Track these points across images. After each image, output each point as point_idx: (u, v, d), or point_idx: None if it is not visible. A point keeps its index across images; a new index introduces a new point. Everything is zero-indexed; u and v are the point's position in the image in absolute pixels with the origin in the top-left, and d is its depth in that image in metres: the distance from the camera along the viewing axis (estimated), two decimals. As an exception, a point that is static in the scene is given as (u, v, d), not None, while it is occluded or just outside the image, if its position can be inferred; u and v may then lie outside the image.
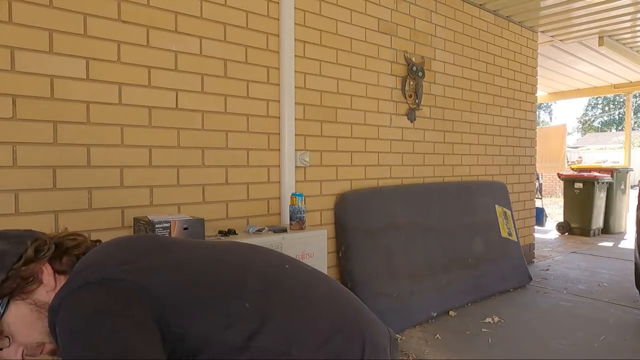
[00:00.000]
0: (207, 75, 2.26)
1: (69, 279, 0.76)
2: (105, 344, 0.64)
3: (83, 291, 0.70)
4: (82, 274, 0.73)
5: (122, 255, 0.79)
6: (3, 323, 0.76)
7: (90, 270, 0.73)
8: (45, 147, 1.80)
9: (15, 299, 0.77)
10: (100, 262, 0.76)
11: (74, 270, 0.78)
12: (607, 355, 2.48)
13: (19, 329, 0.77)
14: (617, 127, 29.40)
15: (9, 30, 1.71)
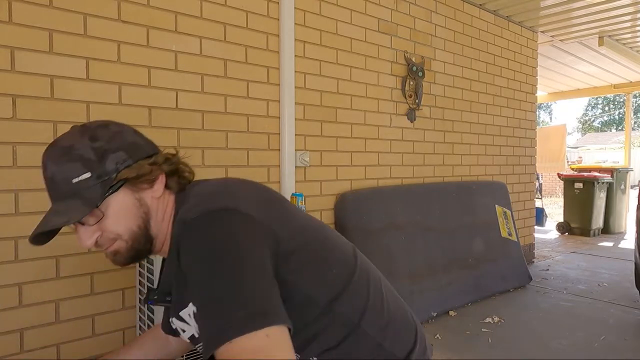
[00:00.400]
0: (207, 75, 2.26)
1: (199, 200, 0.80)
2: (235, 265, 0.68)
3: (222, 214, 0.74)
4: (218, 199, 0.77)
5: (255, 196, 0.83)
6: (108, 201, 0.77)
7: (227, 198, 0.77)
8: (45, 147, 1.80)
9: (127, 187, 0.79)
10: (236, 194, 0.80)
11: (202, 193, 0.83)
12: (607, 355, 2.48)
13: (116, 214, 0.79)
14: (617, 127, 29.40)
15: (9, 30, 1.71)
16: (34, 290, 1.79)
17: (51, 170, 0.78)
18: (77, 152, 0.76)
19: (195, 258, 0.72)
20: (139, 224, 0.81)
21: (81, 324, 1.91)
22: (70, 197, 0.76)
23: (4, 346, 1.73)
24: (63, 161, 0.77)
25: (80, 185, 0.76)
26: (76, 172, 0.76)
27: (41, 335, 1.81)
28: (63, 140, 0.80)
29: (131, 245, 0.81)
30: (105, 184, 0.77)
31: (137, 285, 1.99)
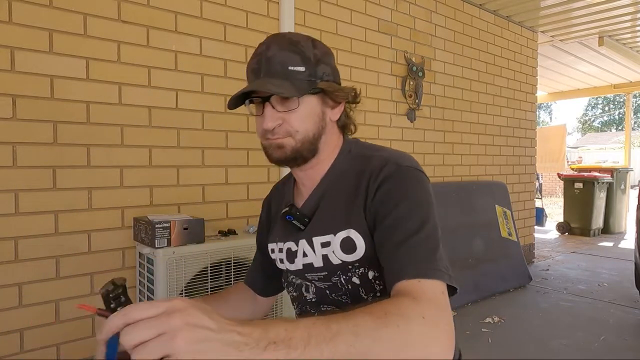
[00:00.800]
0: (207, 75, 2.26)
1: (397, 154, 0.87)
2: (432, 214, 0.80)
3: (424, 176, 0.85)
4: (413, 161, 0.86)
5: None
6: (305, 98, 0.84)
7: (416, 163, 0.87)
8: (45, 147, 1.80)
9: (320, 96, 0.87)
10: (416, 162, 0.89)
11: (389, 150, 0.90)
12: (607, 355, 2.48)
13: (304, 112, 0.85)
14: (617, 127, 29.40)
15: (9, 30, 1.71)
16: (34, 290, 1.80)
17: (274, 52, 0.83)
18: (300, 48, 0.84)
19: (409, 199, 0.80)
20: (314, 132, 0.87)
21: (81, 324, 1.91)
22: (280, 78, 0.82)
23: (4, 346, 1.73)
24: (287, 49, 0.83)
25: (293, 73, 0.82)
26: (294, 62, 0.83)
27: (41, 335, 1.81)
28: (291, 35, 0.87)
29: (298, 147, 0.85)
30: (310, 83, 0.84)
31: (137, 286, 1.99)
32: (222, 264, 1.90)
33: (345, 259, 0.85)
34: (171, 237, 1.78)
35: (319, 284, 0.91)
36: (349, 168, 0.91)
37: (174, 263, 1.77)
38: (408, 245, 0.74)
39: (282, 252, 0.97)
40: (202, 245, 1.85)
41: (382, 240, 0.79)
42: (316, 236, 0.89)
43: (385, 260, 0.76)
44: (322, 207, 0.91)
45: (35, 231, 1.79)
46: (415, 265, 0.71)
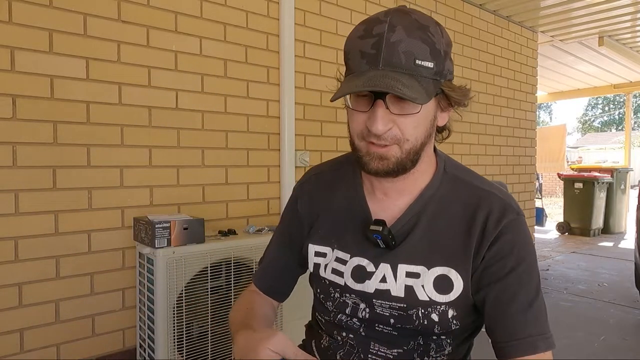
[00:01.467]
0: (207, 75, 2.26)
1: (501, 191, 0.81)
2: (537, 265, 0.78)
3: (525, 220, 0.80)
4: (518, 204, 0.80)
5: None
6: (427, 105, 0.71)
7: (519, 206, 0.81)
8: (45, 147, 1.80)
9: (437, 99, 0.74)
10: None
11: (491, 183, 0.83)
12: (607, 355, 2.48)
13: (421, 117, 0.71)
14: (617, 127, 29.40)
15: (9, 30, 1.71)
16: (34, 290, 1.80)
17: (399, 36, 0.66)
18: (431, 37, 0.68)
19: (529, 258, 0.76)
20: (423, 140, 0.73)
21: (81, 324, 1.91)
22: (406, 74, 0.66)
23: (4, 346, 1.73)
24: (416, 36, 0.67)
25: (420, 69, 0.67)
26: (423, 55, 0.67)
27: (41, 335, 1.81)
28: (418, 15, 0.70)
29: (403, 158, 0.72)
30: (436, 84, 0.70)
31: (137, 286, 1.99)
32: (222, 264, 1.90)
33: (435, 298, 0.77)
34: (171, 237, 1.78)
35: (384, 311, 0.80)
36: (452, 195, 0.80)
37: (174, 263, 1.77)
38: (531, 313, 0.73)
39: (344, 264, 0.83)
40: (202, 245, 1.85)
41: (501, 297, 0.74)
42: (403, 263, 0.79)
43: (509, 322, 0.73)
44: (417, 233, 0.79)
45: (35, 231, 1.79)
46: (542, 338, 0.72)
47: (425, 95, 0.67)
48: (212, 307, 1.86)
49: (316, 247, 0.88)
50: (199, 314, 1.84)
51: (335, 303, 0.85)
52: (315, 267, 0.88)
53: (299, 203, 0.94)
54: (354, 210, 0.85)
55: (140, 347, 1.98)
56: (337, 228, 0.87)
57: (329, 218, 0.88)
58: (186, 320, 1.81)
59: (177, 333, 1.78)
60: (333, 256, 0.85)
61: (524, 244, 0.76)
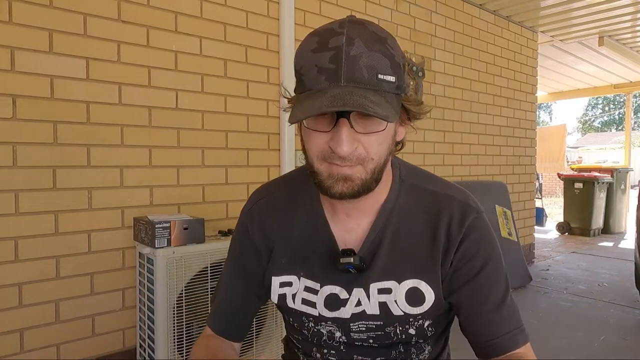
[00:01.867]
0: (207, 75, 2.26)
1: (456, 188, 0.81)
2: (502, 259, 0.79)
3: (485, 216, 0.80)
4: (477, 201, 0.80)
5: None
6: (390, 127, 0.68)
7: (477, 201, 0.81)
8: (45, 147, 1.80)
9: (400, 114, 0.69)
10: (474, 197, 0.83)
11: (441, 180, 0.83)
12: (607, 355, 2.48)
13: (383, 136, 0.67)
14: (617, 127, 29.41)
15: (9, 30, 1.71)
16: (34, 290, 1.80)
17: (359, 50, 0.62)
18: (390, 50, 0.64)
19: (495, 255, 0.78)
20: (386, 157, 0.69)
21: (81, 324, 1.91)
22: (370, 90, 0.62)
23: (4, 346, 1.73)
24: (376, 49, 0.63)
25: (383, 85, 0.63)
26: (384, 69, 0.63)
27: (41, 335, 1.81)
28: (374, 27, 0.66)
29: (367, 178, 0.68)
30: (398, 99, 0.67)
31: (137, 286, 1.99)
32: (222, 264, 1.90)
33: (409, 311, 0.76)
34: (171, 237, 1.78)
35: (361, 335, 0.78)
36: (412, 204, 0.78)
37: (174, 263, 1.77)
38: (505, 309, 0.75)
39: (315, 294, 0.79)
40: (202, 245, 1.85)
41: (474, 298, 0.75)
42: (374, 282, 0.76)
43: (486, 321, 0.75)
44: (383, 249, 0.77)
45: (35, 231, 1.79)
46: (519, 331, 0.76)
47: (393, 112, 0.63)
48: (212, 307, 1.86)
49: (280, 278, 0.82)
50: (199, 314, 1.84)
51: (311, 332, 0.82)
52: (280, 298, 0.82)
53: (251, 230, 0.84)
54: (317, 236, 0.80)
55: (140, 347, 1.98)
56: (300, 255, 0.81)
57: (289, 245, 0.82)
58: (186, 320, 1.81)
59: (177, 333, 1.78)
60: (301, 285, 0.80)
61: (488, 241, 0.77)
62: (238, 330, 0.87)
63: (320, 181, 0.68)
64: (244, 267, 0.85)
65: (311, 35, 0.66)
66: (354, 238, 0.78)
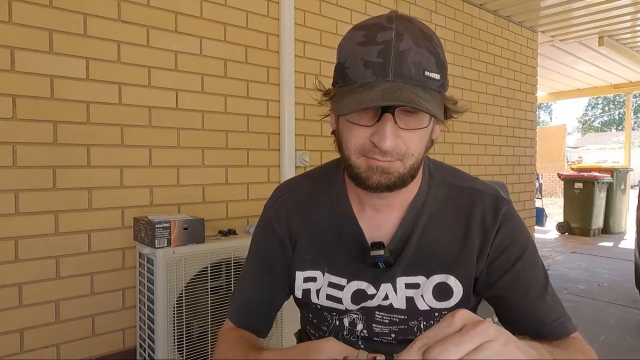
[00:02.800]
0: (207, 75, 2.26)
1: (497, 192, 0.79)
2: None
3: (514, 207, 0.80)
4: (502, 192, 0.80)
5: None
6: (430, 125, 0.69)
7: (504, 193, 0.82)
8: (45, 147, 1.80)
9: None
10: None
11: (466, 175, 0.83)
12: (607, 355, 2.48)
13: (424, 133, 0.68)
14: (617, 127, 29.41)
15: (9, 30, 1.71)
16: (34, 290, 1.80)
17: (407, 45, 0.62)
18: (436, 47, 0.65)
19: (529, 243, 0.77)
20: (422, 156, 0.70)
21: (81, 324, 1.91)
22: (417, 86, 0.62)
23: (4, 346, 1.73)
24: (423, 46, 0.63)
25: (429, 82, 0.63)
26: (430, 66, 0.63)
27: (41, 335, 1.81)
28: (421, 24, 0.66)
29: (405, 173, 0.68)
30: (441, 97, 0.67)
31: (137, 286, 1.99)
32: (222, 264, 1.90)
33: (435, 306, 0.75)
34: (171, 237, 1.78)
35: (384, 329, 0.78)
36: (442, 200, 0.78)
37: (174, 263, 1.77)
38: (548, 297, 0.75)
39: (341, 289, 0.79)
40: (202, 245, 1.85)
41: (516, 287, 0.74)
42: (401, 276, 0.76)
43: (531, 310, 0.74)
44: (412, 244, 0.76)
45: (35, 231, 1.79)
46: (566, 319, 0.76)
47: (439, 108, 0.64)
48: (212, 307, 1.86)
49: (305, 273, 0.82)
50: (199, 314, 1.84)
51: (331, 327, 0.82)
52: (304, 293, 0.82)
53: (276, 225, 0.84)
54: (343, 231, 0.79)
55: (140, 347, 1.98)
56: (325, 250, 0.81)
57: (313, 240, 0.81)
58: (186, 320, 1.81)
59: (177, 333, 1.78)
60: (325, 281, 0.80)
61: (521, 230, 0.77)
62: (264, 326, 0.87)
63: (358, 173, 0.68)
64: (270, 263, 0.84)
65: (356, 28, 0.67)
66: (383, 233, 0.78)
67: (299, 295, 0.83)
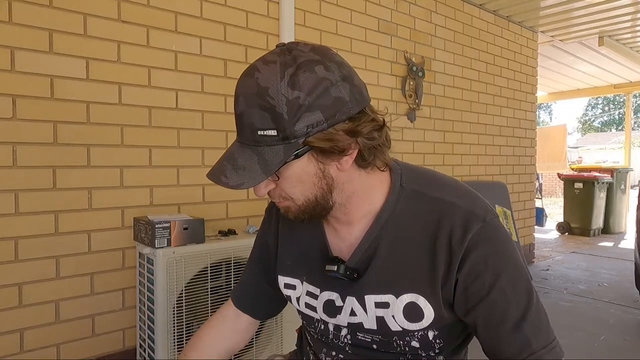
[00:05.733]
0: (207, 75, 2.26)
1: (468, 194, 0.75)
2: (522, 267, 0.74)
3: (497, 219, 0.74)
4: (486, 206, 0.74)
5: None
6: (288, 165, 0.66)
7: (488, 205, 0.75)
8: (45, 147, 1.80)
9: (312, 154, 0.67)
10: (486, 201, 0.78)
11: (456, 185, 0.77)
12: (607, 355, 2.48)
13: (293, 179, 0.68)
14: (617, 127, 29.42)
15: (9, 30, 1.71)
16: (34, 290, 1.80)
17: (241, 108, 0.65)
18: (270, 101, 0.63)
19: (508, 267, 0.71)
20: (316, 194, 0.70)
21: (81, 324, 1.91)
22: (250, 147, 0.65)
23: (4, 346, 1.73)
24: (254, 104, 0.64)
25: (265, 139, 0.64)
26: (262, 124, 0.63)
27: (41, 335, 1.81)
28: (262, 73, 0.64)
29: (304, 210, 0.71)
30: (289, 147, 0.64)
31: (137, 286, 1.99)
32: (222, 264, 1.90)
33: (407, 327, 0.73)
34: (171, 237, 1.78)
35: (366, 337, 0.78)
36: (411, 213, 0.74)
37: (174, 263, 1.77)
38: (526, 327, 0.69)
39: (316, 299, 0.81)
40: (202, 245, 1.85)
41: (491, 318, 0.69)
42: (369, 294, 0.75)
43: (506, 343, 0.69)
44: (378, 260, 0.75)
45: (35, 231, 1.79)
46: (546, 350, 0.71)
47: (260, 173, 0.64)
48: (212, 307, 1.86)
49: (285, 279, 0.86)
50: (199, 314, 1.84)
51: (317, 330, 0.85)
52: (287, 299, 0.88)
53: (267, 227, 0.93)
54: (314, 243, 0.83)
55: (140, 347, 1.98)
56: (302, 260, 0.84)
57: (293, 248, 0.86)
58: (186, 320, 1.81)
59: (177, 333, 1.78)
60: (304, 290, 0.83)
61: (498, 252, 0.70)
62: (253, 308, 0.95)
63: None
64: (261, 256, 0.94)
65: None
66: (347, 246, 0.79)
67: (286, 299, 0.89)
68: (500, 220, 0.74)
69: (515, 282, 0.71)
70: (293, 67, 0.63)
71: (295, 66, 0.63)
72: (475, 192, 0.77)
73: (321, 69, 0.64)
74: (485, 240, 0.70)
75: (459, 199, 0.73)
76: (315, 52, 0.66)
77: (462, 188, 0.77)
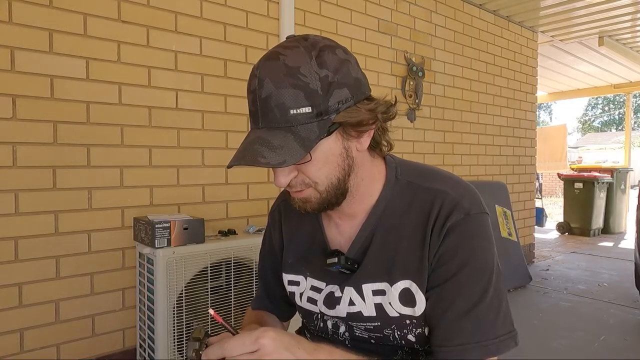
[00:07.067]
0: (207, 75, 2.26)
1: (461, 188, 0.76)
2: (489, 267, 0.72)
3: (487, 220, 0.75)
4: (477, 201, 0.75)
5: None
6: (317, 146, 0.66)
7: (480, 202, 0.76)
8: (45, 147, 1.80)
9: (339, 132, 0.68)
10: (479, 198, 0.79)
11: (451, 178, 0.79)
12: (607, 355, 2.48)
13: (322, 160, 0.68)
14: (617, 127, 29.42)
15: (9, 30, 1.71)
16: (34, 290, 1.80)
17: (268, 91, 0.64)
18: (302, 78, 0.63)
19: (474, 261, 0.71)
20: (339, 176, 0.71)
21: (81, 324, 1.91)
22: (282, 129, 0.64)
23: (4, 346, 1.73)
24: (285, 84, 0.63)
25: (297, 118, 0.64)
26: (297, 103, 0.63)
27: (41, 335, 1.81)
28: (288, 55, 0.65)
29: (324, 197, 0.72)
30: (322, 124, 0.65)
31: (137, 286, 1.99)
32: (222, 264, 1.90)
33: (404, 312, 0.75)
34: (171, 237, 1.78)
35: (362, 334, 0.80)
36: (406, 203, 0.77)
37: (174, 263, 1.77)
38: (468, 321, 0.69)
39: (319, 292, 0.84)
40: (202, 245, 1.85)
41: (439, 304, 0.71)
42: (366, 283, 0.77)
43: (443, 328, 0.71)
44: (374, 249, 0.77)
45: (35, 231, 1.79)
46: (478, 345, 0.69)
47: (299, 149, 0.64)
48: (212, 307, 1.86)
49: (289, 276, 0.89)
50: (199, 314, 1.84)
51: (317, 328, 0.87)
52: (290, 295, 0.90)
53: (272, 230, 0.96)
54: (315, 239, 0.86)
55: (140, 347, 1.98)
56: (305, 256, 0.87)
57: (296, 246, 0.89)
58: (186, 320, 1.81)
59: (177, 333, 1.78)
60: (307, 285, 0.86)
61: (470, 247, 0.71)
62: (276, 309, 0.99)
63: (293, 203, 0.76)
64: (270, 259, 0.97)
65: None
66: (346, 239, 0.82)
67: (289, 295, 0.91)
68: (488, 219, 0.75)
69: (474, 278, 0.71)
70: (316, 50, 0.66)
71: (318, 49, 0.66)
72: (472, 187, 0.78)
73: (341, 52, 0.68)
74: (462, 232, 0.72)
75: (451, 188, 0.76)
76: (328, 40, 0.70)
77: (457, 180, 0.79)
